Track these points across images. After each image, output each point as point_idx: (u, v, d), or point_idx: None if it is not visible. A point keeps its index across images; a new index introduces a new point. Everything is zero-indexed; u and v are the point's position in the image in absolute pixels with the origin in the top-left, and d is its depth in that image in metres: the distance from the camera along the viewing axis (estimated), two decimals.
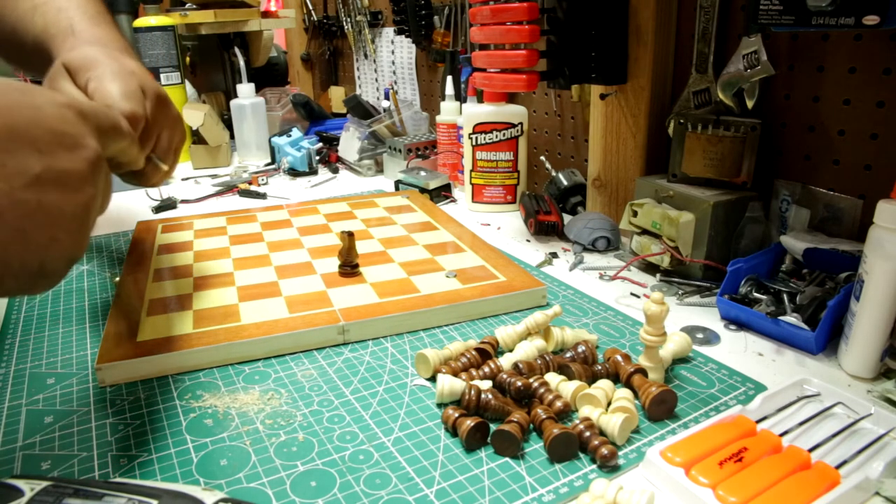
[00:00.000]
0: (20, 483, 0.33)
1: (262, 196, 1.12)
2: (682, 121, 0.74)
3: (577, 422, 0.45)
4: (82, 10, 0.64)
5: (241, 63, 1.39)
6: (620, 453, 0.45)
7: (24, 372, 0.57)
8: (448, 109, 1.15)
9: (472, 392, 0.48)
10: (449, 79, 1.16)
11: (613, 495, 0.39)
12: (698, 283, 0.71)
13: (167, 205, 1.07)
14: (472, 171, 1.00)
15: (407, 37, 1.44)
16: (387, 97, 1.35)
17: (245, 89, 1.38)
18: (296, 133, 1.31)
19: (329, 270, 0.73)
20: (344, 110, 1.52)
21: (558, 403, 0.48)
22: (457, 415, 0.47)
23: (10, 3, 0.66)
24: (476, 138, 0.98)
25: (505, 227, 0.95)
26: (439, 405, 0.51)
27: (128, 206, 1.09)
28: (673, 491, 0.41)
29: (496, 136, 0.97)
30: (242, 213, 0.97)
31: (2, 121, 0.35)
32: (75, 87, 0.54)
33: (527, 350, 0.55)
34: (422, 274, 0.71)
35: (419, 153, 1.19)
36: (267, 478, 0.43)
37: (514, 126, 0.97)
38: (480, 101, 1.00)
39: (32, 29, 0.63)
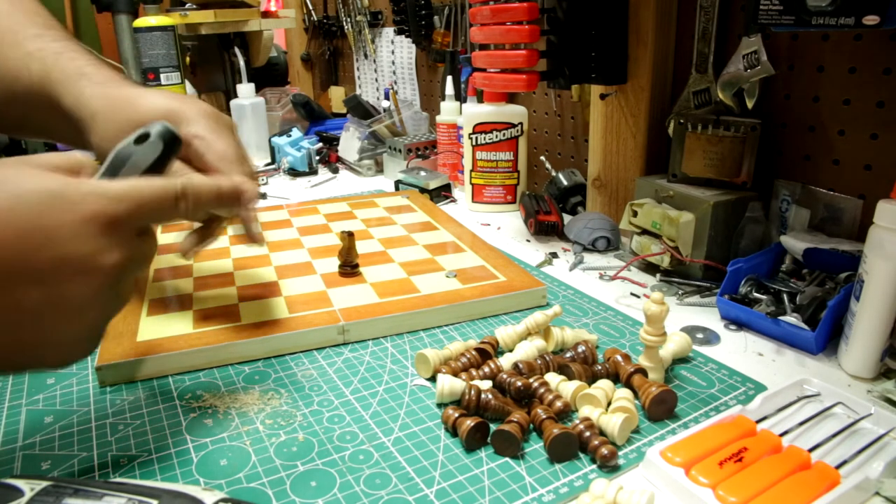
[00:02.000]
0: (20, 483, 0.33)
1: (262, 196, 1.12)
2: (682, 121, 0.74)
3: (577, 422, 0.45)
4: (79, 52, 0.60)
5: (241, 63, 1.39)
6: (620, 453, 0.45)
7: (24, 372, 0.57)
8: (448, 109, 1.15)
9: (472, 392, 0.48)
10: (449, 79, 1.16)
11: (613, 495, 0.39)
12: (698, 283, 0.71)
13: None
14: (472, 171, 1.00)
15: (407, 37, 1.44)
16: (387, 97, 1.35)
17: (245, 89, 1.38)
18: (296, 133, 1.31)
19: (329, 270, 0.73)
20: (344, 110, 1.52)
21: (558, 403, 0.48)
22: (457, 415, 0.47)
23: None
24: (476, 138, 0.98)
25: (505, 227, 0.95)
26: (439, 405, 0.51)
27: None
28: (673, 491, 0.41)
29: (496, 136, 0.97)
30: None
31: (3, 254, 0.33)
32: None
33: (527, 350, 0.55)
34: (422, 274, 0.71)
35: (419, 153, 1.19)
36: (267, 478, 0.43)
37: (514, 126, 0.97)
38: (480, 101, 1.00)
39: (27, 77, 0.59)
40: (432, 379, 0.54)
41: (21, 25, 0.61)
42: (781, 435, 0.45)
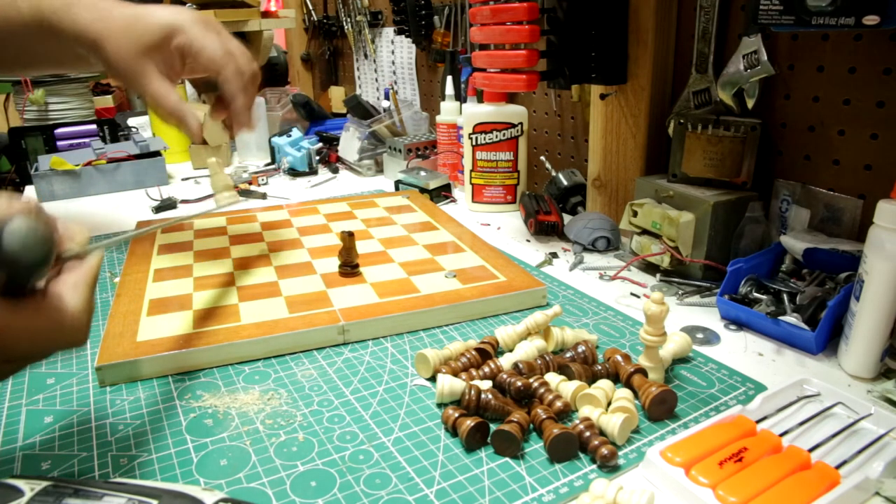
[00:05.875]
0: (20, 483, 0.33)
1: (263, 196, 1.12)
2: (682, 121, 0.74)
3: (577, 422, 0.45)
4: None
5: None
6: (620, 453, 0.45)
7: (24, 372, 0.57)
8: (448, 109, 1.15)
9: (472, 392, 0.48)
10: (449, 79, 1.16)
11: (613, 495, 0.39)
12: (698, 283, 0.71)
13: (167, 205, 1.07)
14: (472, 171, 1.00)
15: (407, 37, 1.44)
16: (387, 97, 1.35)
17: None
18: (296, 133, 1.31)
19: (329, 270, 0.73)
20: (344, 110, 1.52)
21: (558, 403, 0.48)
22: (457, 415, 0.47)
23: None
24: (476, 138, 0.98)
25: (505, 227, 0.95)
26: (439, 405, 0.51)
27: (128, 206, 1.09)
28: (673, 491, 0.41)
29: (496, 136, 0.97)
30: (242, 213, 0.97)
31: None
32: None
33: (527, 350, 0.55)
34: (422, 274, 0.71)
35: (419, 153, 1.19)
36: (267, 478, 0.43)
37: (514, 126, 0.97)
38: (480, 101, 1.00)
39: (17, 14, 0.61)
40: (432, 379, 0.54)
41: None
42: (781, 435, 0.45)
